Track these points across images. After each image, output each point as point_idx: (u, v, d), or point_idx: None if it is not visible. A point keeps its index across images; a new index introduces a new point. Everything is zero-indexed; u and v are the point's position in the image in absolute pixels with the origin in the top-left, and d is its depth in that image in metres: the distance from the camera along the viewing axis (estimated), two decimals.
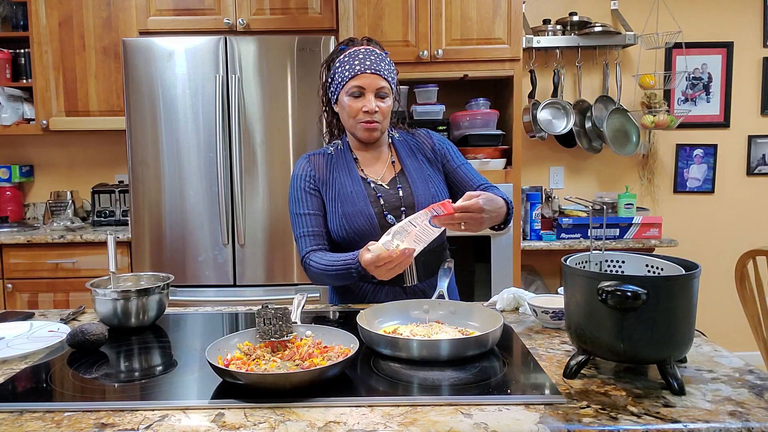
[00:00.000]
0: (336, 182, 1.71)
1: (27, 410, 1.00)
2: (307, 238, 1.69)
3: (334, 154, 1.76)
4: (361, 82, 1.63)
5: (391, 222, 1.65)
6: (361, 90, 1.64)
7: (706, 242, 3.75)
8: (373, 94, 1.64)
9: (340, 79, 1.66)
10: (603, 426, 0.91)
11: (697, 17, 3.61)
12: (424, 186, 1.72)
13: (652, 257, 1.20)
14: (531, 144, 3.62)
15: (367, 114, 1.64)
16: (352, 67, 1.63)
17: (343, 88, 1.66)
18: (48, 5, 3.21)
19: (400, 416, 0.95)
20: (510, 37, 2.99)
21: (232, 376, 1.03)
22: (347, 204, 1.67)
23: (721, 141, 3.69)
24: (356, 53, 1.65)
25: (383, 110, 1.66)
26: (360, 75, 1.63)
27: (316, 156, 1.77)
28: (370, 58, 1.64)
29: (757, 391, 1.03)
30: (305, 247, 1.68)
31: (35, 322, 1.49)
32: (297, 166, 1.76)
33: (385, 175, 1.74)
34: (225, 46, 2.81)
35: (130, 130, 2.86)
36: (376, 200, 1.68)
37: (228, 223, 2.86)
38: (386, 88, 1.66)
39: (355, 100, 1.65)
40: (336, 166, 1.74)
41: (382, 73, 1.64)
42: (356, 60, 1.64)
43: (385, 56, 1.69)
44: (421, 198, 1.69)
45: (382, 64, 1.65)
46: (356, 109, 1.65)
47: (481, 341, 1.19)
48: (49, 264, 3.01)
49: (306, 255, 1.68)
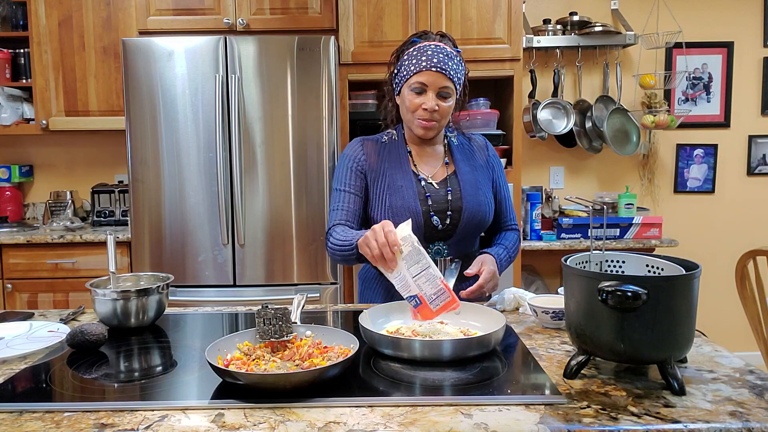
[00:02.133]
0: (387, 173, 1.69)
1: (27, 410, 1.00)
2: (339, 212, 1.68)
3: (387, 143, 1.75)
4: (424, 78, 1.60)
5: (436, 224, 1.65)
6: (423, 87, 1.61)
7: (707, 242, 3.75)
8: (435, 92, 1.61)
9: (405, 72, 1.63)
10: (603, 426, 0.91)
11: (698, 17, 3.61)
12: (474, 191, 1.70)
13: (653, 257, 1.20)
14: (531, 144, 3.62)
15: (426, 112, 1.62)
16: (419, 62, 1.60)
17: (406, 82, 1.63)
18: (48, 5, 3.21)
19: (400, 416, 0.95)
20: (510, 36, 2.99)
21: (232, 377, 1.03)
22: (395, 197, 1.65)
23: (722, 141, 3.69)
24: (426, 48, 1.61)
25: (443, 110, 1.63)
26: (425, 71, 1.59)
27: (369, 142, 1.75)
28: (439, 55, 1.60)
29: (757, 392, 1.03)
30: (332, 220, 1.68)
31: (35, 322, 1.49)
32: (349, 147, 1.75)
33: (437, 174, 1.72)
34: (225, 46, 2.81)
35: (129, 130, 2.85)
36: (425, 199, 1.67)
37: (228, 223, 2.86)
38: (450, 88, 1.62)
39: (417, 96, 1.62)
40: (388, 157, 1.72)
41: (448, 73, 1.60)
42: (424, 55, 1.60)
43: (456, 55, 1.65)
44: (469, 203, 1.68)
45: (450, 63, 1.61)
46: (416, 105, 1.62)
47: (484, 342, 1.19)
48: (49, 264, 3.01)
49: (330, 228, 1.67)
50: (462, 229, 1.68)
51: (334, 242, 1.63)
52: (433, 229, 1.66)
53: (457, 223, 1.67)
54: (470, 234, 1.72)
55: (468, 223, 1.68)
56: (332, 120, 2.85)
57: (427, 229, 1.66)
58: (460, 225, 1.68)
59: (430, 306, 1.37)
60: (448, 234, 1.68)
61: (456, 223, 1.67)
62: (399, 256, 1.38)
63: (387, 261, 1.38)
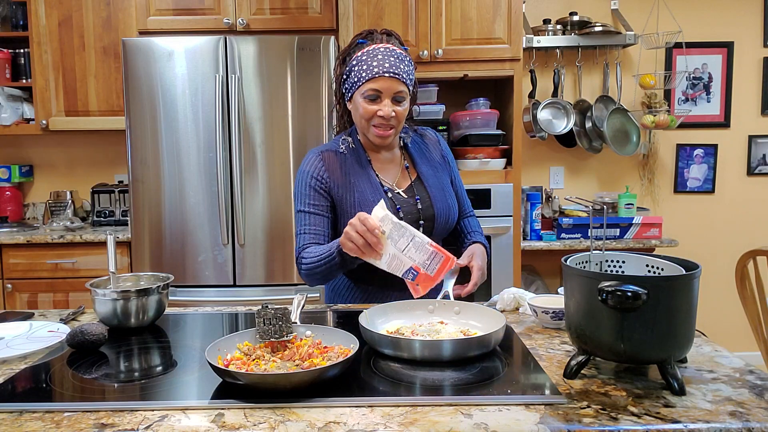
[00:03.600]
0: (355, 188, 1.63)
1: (27, 410, 1.00)
2: (304, 236, 1.62)
3: (346, 152, 1.68)
4: (378, 85, 1.54)
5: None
6: (377, 93, 1.55)
7: (706, 242, 3.75)
8: (390, 98, 1.56)
9: (357, 78, 1.57)
10: (603, 426, 0.91)
11: (698, 17, 3.61)
12: (442, 196, 1.68)
13: (653, 257, 1.20)
14: (531, 144, 3.62)
15: (383, 119, 1.57)
16: (370, 68, 1.54)
17: (358, 89, 1.58)
18: (48, 5, 3.21)
19: (400, 416, 0.95)
20: (510, 36, 2.99)
21: (232, 376, 1.03)
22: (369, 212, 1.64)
23: (722, 141, 3.69)
24: (375, 52, 1.56)
25: (399, 114, 1.59)
26: (378, 78, 1.54)
27: (328, 153, 1.68)
28: (390, 59, 1.55)
29: (757, 392, 1.03)
30: (300, 244, 1.63)
31: (35, 322, 1.49)
32: (307, 162, 1.67)
33: (400, 181, 1.69)
34: (225, 46, 2.81)
35: (129, 130, 2.85)
36: (396, 212, 1.62)
37: (228, 223, 2.86)
38: (404, 92, 1.57)
39: (371, 103, 1.57)
40: (351, 169, 1.66)
41: (401, 77, 1.55)
42: (375, 60, 1.54)
43: (405, 56, 1.59)
44: (439, 209, 1.66)
45: (402, 66, 1.56)
46: (371, 112, 1.57)
47: (484, 342, 1.19)
48: (49, 264, 3.01)
49: (300, 253, 1.62)
50: (435, 234, 1.67)
51: (309, 261, 1.57)
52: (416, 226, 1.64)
53: (431, 230, 1.66)
54: (441, 236, 1.72)
55: (442, 228, 1.68)
56: (332, 120, 2.84)
57: None
58: (435, 231, 1.66)
59: (427, 272, 1.38)
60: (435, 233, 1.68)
61: (430, 230, 1.65)
62: (383, 238, 1.38)
63: (373, 246, 1.37)
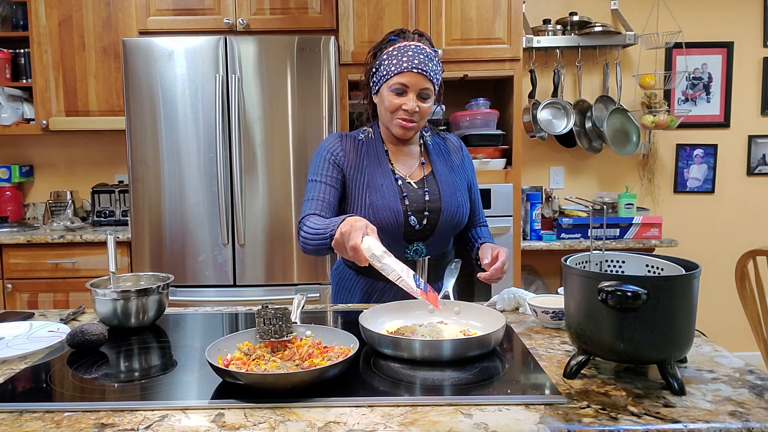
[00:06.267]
0: (366, 171, 1.68)
1: (27, 410, 1.00)
2: (311, 202, 1.64)
3: (364, 141, 1.73)
4: (406, 80, 1.59)
5: (413, 224, 1.64)
6: (404, 88, 1.60)
7: (706, 242, 3.75)
8: (416, 93, 1.61)
9: (385, 72, 1.62)
10: (603, 426, 0.91)
11: (697, 17, 3.61)
12: (451, 192, 1.71)
13: (653, 257, 1.20)
14: (531, 144, 3.62)
15: (407, 113, 1.62)
16: (400, 63, 1.59)
17: (386, 82, 1.62)
18: (48, 5, 3.21)
19: (400, 416, 0.95)
20: (510, 37, 2.99)
21: (232, 376, 1.03)
22: (376, 195, 1.65)
23: (722, 141, 3.69)
24: (406, 48, 1.60)
25: (423, 111, 1.63)
26: (406, 72, 1.59)
27: (347, 138, 1.74)
28: (419, 56, 1.59)
29: (757, 392, 1.03)
30: (305, 210, 1.64)
31: (35, 322, 1.49)
32: (327, 140, 1.73)
33: (414, 174, 1.72)
34: (225, 46, 2.81)
35: (129, 130, 2.85)
36: (402, 198, 1.66)
37: (228, 223, 2.86)
38: (430, 89, 1.62)
39: (397, 97, 1.61)
40: (366, 155, 1.71)
41: (429, 74, 1.60)
42: (405, 56, 1.59)
43: (435, 55, 1.64)
44: (447, 204, 1.68)
45: (430, 64, 1.61)
46: (396, 105, 1.62)
47: (484, 342, 1.19)
48: (49, 264, 3.01)
49: (303, 218, 1.62)
50: (440, 230, 1.68)
51: (306, 231, 1.56)
52: (411, 228, 1.65)
53: (436, 223, 1.67)
54: (447, 234, 1.73)
55: (446, 223, 1.69)
56: (332, 120, 2.85)
57: (406, 229, 1.65)
58: (439, 225, 1.68)
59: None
60: (426, 234, 1.68)
61: (434, 223, 1.67)
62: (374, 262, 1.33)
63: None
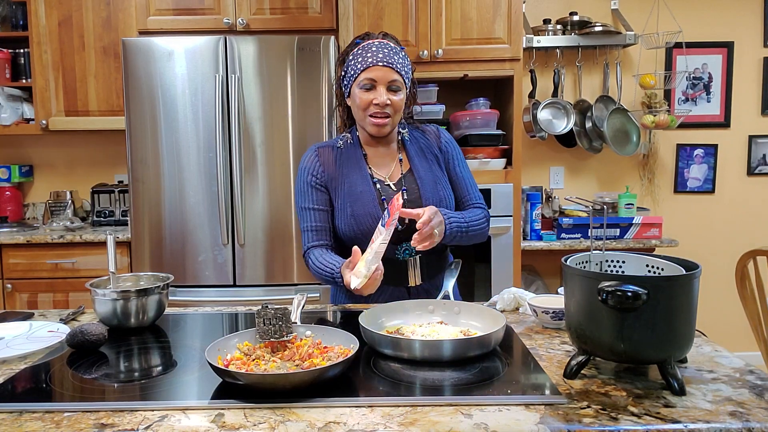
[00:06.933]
0: (346, 180, 1.69)
1: (27, 410, 1.00)
2: (310, 233, 1.69)
3: (343, 147, 1.74)
4: (373, 74, 1.61)
5: (396, 226, 1.62)
6: (372, 82, 1.61)
7: (707, 242, 3.75)
8: (385, 86, 1.62)
9: (353, 71, 1.64)
10: (603, 426, 0.91)
11: (698, 17, 3.61)
12: (433, 188, 1.70)
13: (653, 257, 1.20)
14: (531, 144, 3.62)
15: (378, 107, 1.62)
16: (365, 60, 1.61)
17: (355, 81, 1.64)
18: (47, 5, 3.21)
19: (400, 416, 0.95)
20: (510, 36, 2.99)
21: (232, 377, 1.03)
22: (357, 205, 1.65)
23: (722, 141, 3.69)
24: (370, 46, 1.63)
25: (395, 104, 1.63)
26: (372, 67, 1.61)
27: (325, 149, 1.74)
28: (383, 50, 1.62)
29: (757, 392, 1.03)
30: (307, 242, 1.70)
31: (35, 322, 1.49)
32: (305, 158, 1.74)
33: (393, 174, 1.72)
34: (225, 46, 2.81)
35: (129, 130, 2.85)
36: (381, 203, 1.66)
37: (228, 223, 2.86)
38: (399, 81, 1.63)
39: (367, 93, 1.62)
40: (345, 162, 1.71)
41: (395, 66, 1.61)
42: (369, 52, 1.62)
43: (400, 50, 1.66)
44: (429, 201, 1.67)
45: (396, 57, 1.63)
46: (367, 101, 1.62)
47: (484, 342, 1.19)
48: (49, 264, 3.01)
49: (307, 250, 1.70)
50: None
51: (314, 266, 1.66)
52: (395, 230, 1.63)
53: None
54: None
55: None
56: (332, 120, 2.85)
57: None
58: None
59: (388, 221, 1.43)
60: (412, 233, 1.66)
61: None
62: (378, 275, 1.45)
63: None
